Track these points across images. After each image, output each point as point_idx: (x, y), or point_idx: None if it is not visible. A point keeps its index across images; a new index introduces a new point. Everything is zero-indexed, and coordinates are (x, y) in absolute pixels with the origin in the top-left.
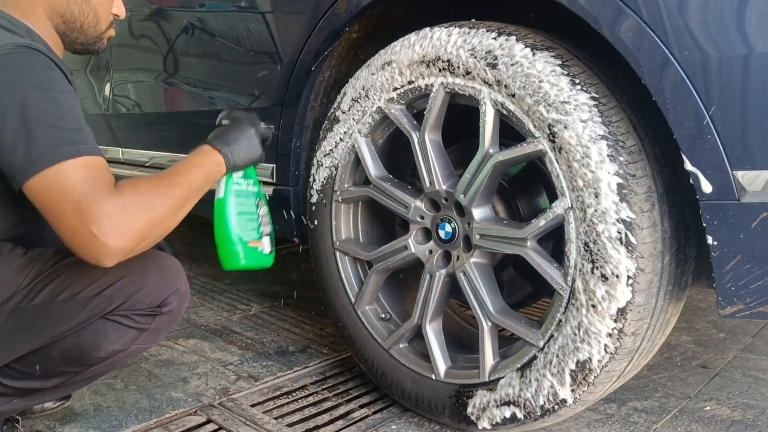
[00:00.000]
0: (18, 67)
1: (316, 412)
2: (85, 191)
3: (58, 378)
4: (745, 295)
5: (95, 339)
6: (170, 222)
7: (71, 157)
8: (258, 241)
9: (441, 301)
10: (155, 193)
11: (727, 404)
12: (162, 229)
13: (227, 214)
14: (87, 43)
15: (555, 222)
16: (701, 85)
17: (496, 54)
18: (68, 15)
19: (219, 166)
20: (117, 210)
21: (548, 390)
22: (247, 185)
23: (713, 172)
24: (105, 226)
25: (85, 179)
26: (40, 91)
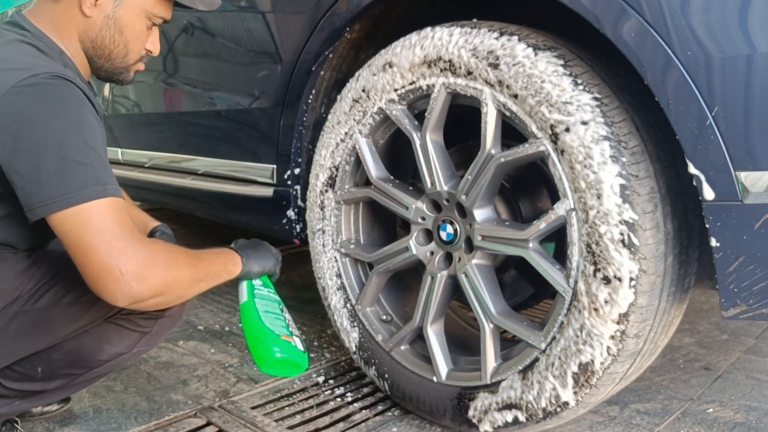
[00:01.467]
0: (53, 100)
1: (316, 414)
2: (117, 232)
3: (60, 380)
4: (748, 296)
5: (97, 342)
6: (186, 290)
7: (100, 197)
8: (290, 337)
9: (442, 302)
10: (182, 258)
11: (730, 406)
12: (178, 292)
13: (255, 312)
14: (113, 72)
15: (557, 223)
16: (704, 86)
17: (498, 54)
18: (98, 41)
19: (236, 266)
20: (146, 257)
21: (550, 392)
22: (268, 292)
23: (716, 173)
24: (132, 269)
25: (115, 220)
26: (72, 128)
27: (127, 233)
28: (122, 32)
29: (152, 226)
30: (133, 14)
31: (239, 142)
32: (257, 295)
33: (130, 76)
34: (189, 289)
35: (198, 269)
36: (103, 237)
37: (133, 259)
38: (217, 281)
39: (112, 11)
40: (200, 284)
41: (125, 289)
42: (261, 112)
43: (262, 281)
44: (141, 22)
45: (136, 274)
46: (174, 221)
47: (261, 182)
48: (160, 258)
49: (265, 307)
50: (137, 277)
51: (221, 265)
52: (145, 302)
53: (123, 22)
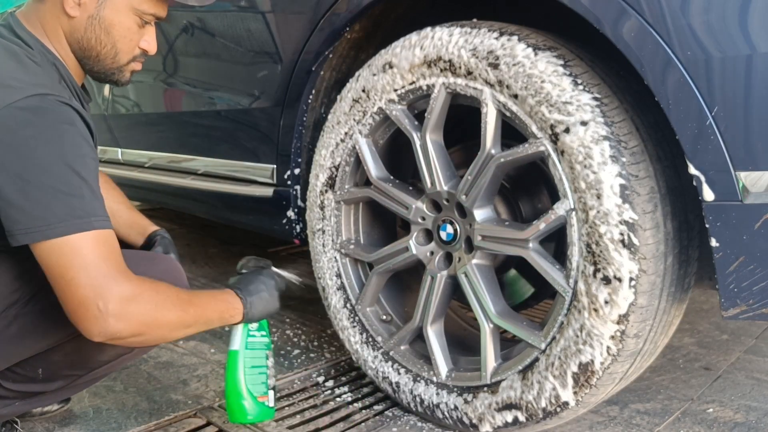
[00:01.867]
0: (44, 126)
1: (316, 414)
2: (103, 269)
3: (60, 381)
4: (748, 296)
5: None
6: (170, 333)
7: (85, 230)
8: (265, 396)
9: (442, 302)
10: (171, 299)
11: (730, 406)
12: (160, 333)
13: (239, 368)
14: (105, 73)
15: (557, 223)
16: (704, 86)
17: (497, 54)
18: (84, 42)
19: (236, 312)
20: (130, 295)
21: (550, 392)
22: (260, 336)
23: (716, 173)
24: (112, 307)
25: (100, 255)
26: (62, 156)
27: (112, 268)
28: (108, 32)
29: (150, 230)
30: (119, 12)
31: (239, 142)
32: (248, 345)
33: (126, 76)
34: (173, 332)
35: (187, 314)
36: (86, 272)
37: (115, 296)
38: (208, 327)
39: (96, 11)
40: (188, 329)
41: (103, 325)
42: (261, 112)
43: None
44: (129, 20)
45: (116, 312)
46: (174, 221)
47: (261, 182)
48: (145, 297)
49: (252, 359)
50: (117, 315)
51: (216, 312)
52: (123, 340)
53: (108, 21)
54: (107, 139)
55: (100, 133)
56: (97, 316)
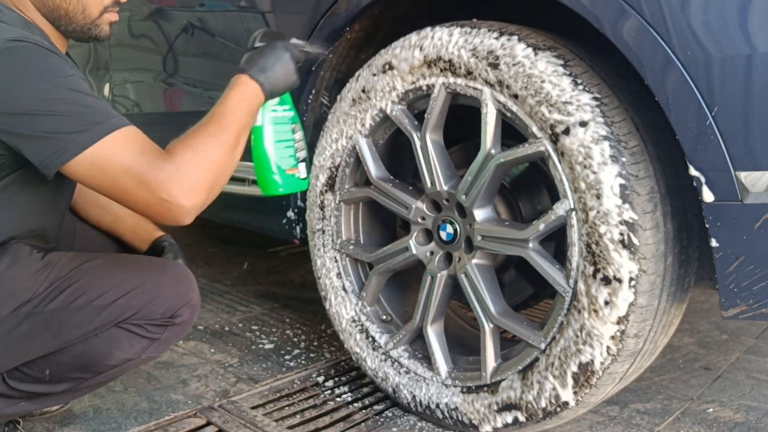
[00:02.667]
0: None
1: (316, 414)
2: (141, 163)
3: (67, 383)
4: (748, 296)
5: (107, 347)
6: (230, 165)
7: (108, 132)
8: (295, 168)
9: (442, 302)
10: (207, 142)
11: (729, 406)
12: (225, 174)
13: (265, 143)
14: (81, 31)
15: (557, 223)
16: (704, 86)
17: (497, 54)
18: (49, 3)
19: (258, 97)
20: (177, 172)
21: (550, 392)
22: (283, 110)
23: (716, 173)
24: (174, 190)
25: (132, 151)
26: (51, 76)
27: (149, 158)
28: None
29: (156, 235)
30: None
31: None
32: (272, 120)
33: (103, 30)
34: (231, 162)
35: (228, 140)
36: (132, 174)
37: (169, 182)
38: (248, 130)
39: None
40: (237, 149)
41: (180, 210)
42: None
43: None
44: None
45: (181, 192)
46: None
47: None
48: (190, 163)
49: (277, 133)
50: (183, 194)
51: (245, 113)
52: (206, 203)
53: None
54: None
55: None
56: (169, 206)
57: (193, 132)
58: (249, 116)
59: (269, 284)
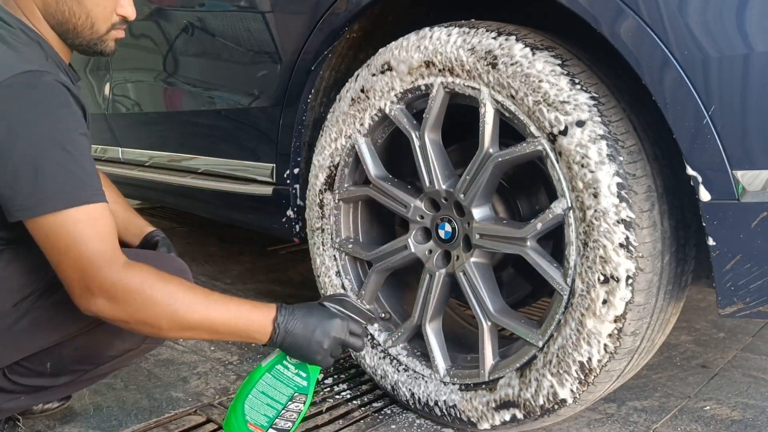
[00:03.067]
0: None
1: (315, 411)
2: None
3: (68, 376)
4: (745, 294)
5: (107, 337)
6: (160, 330)
7: (74, 205)
8: (260, 429)
9: (441, 300)
10: (165, 304)
11: (726, 404)
12: (147, 329)
13: (249, 385)
14: (87, 45)
15: (555, 222)
16: (701, 85)
17: (495, 54)
18: (59, 16)
19: (259, 334)
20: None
21: (548, 390)
22: (294, 374)
23: (713, 171)
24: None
25: (89, 234)
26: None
27: (103, 246)
28: (80, 2)
29: (147, 230)
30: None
31: (239, 141)
32: (274, 373)
33: (110, 45)
34: (170, 333)
35: (186, 322)
36: (75, 255)
37: (100, 283)
38: (218, 338)
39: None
40: (186, 333)
41: (89, 305)
42: (261, 111)
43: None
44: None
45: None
46: (174, 220)
47: (260, 181)
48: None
49: (268, 387)
50: (102, 301)
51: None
52: (107, 320)
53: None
54: (108, 138)
55: (101, 132)
56: (82, 296)
57: (169, 280)
58: (229, 331)
59: (269, 282)
